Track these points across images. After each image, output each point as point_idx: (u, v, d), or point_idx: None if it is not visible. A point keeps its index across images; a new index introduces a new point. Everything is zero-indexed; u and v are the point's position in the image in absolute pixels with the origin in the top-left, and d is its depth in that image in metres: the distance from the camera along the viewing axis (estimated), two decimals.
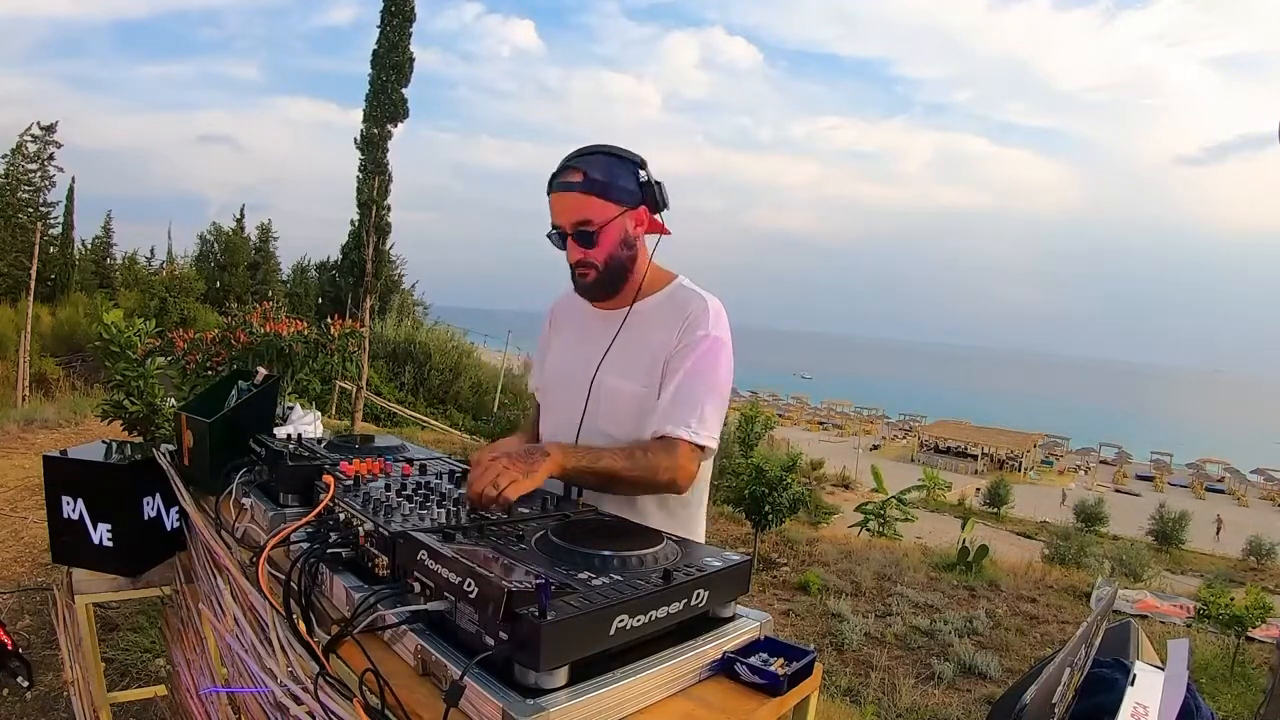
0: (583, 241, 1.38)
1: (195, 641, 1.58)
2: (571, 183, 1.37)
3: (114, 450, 1.90)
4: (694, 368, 1.38)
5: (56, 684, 2.47)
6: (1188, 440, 52.67)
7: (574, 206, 1.37)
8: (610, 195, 1.37)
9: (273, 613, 0.96)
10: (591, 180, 1.36)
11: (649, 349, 1.42)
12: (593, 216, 1.37)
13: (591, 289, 1.44)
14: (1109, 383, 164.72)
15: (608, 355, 1.45)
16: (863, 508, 13.51)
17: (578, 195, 1.36)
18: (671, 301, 1.46)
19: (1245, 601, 6.11)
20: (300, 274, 30.44)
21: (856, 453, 31.55)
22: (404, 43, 23.01)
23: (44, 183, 27.89)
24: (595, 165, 1.37)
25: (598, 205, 1.37)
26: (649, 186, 1.40)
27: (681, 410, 1.36)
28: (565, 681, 0.74)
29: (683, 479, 1.35)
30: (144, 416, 2.16)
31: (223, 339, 6.71)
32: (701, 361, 1.39)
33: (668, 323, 1.43)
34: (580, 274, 1.43)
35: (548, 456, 1.19)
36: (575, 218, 1.37)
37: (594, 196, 1.36)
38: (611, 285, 1.44)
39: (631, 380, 1.42)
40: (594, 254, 1.40)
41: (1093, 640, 1.07)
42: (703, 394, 1.37)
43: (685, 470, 1.34)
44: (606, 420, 1.42)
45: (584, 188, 1.36)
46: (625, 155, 1.40)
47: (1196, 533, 20.48)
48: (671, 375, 1.39)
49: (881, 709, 4.25)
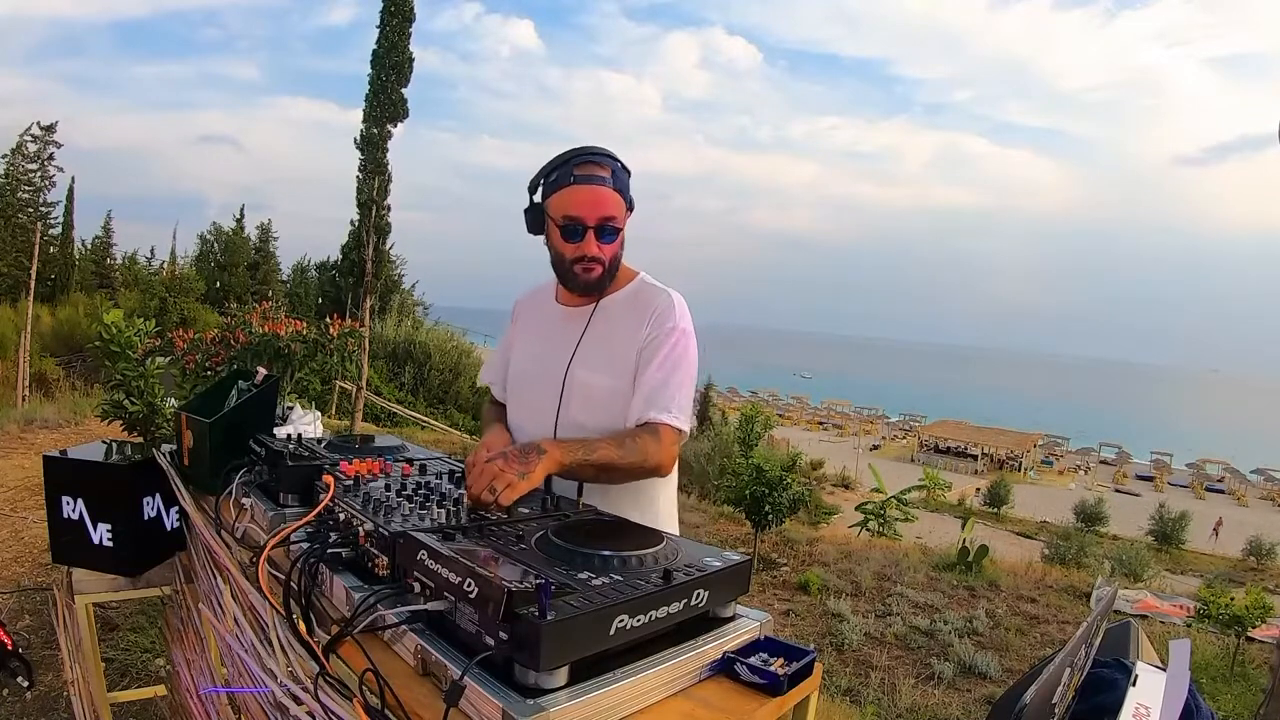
0: (604, 237, 1.41)
1: (195, 641, 1.58)
2: (601, 177, 1.38)
3: (114, 450, 1.90)
4: (667, 358, 1.44)
5: (56, 684, 2.47)
6: (1188, 440, 52.68)
7: (603, 201, 1.39)
8: (625, 195, 1.43)
9: (273, 613, 0.96)
10: (617, 178, 1.40)
11: (618, 343, 1.47)
12: (617, 214, 1.41)
13: (594, 284, 1.47)
14: (1109, 383, 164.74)
15: (578, 350, 1.49)
16: (863, 508, 13.51)
17: (607, 191, 1.39)
18: (637, 297, 1.51)
19: (1245, 601, 6.11)
20: (300, 274, 30.43)
21: (856, 453, 31.55)
22: (404, 43, 23.00)
23: (44, 183, 27.88)
24: (616, 164, 1.41)
25: (619, 203, 1.42)
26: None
27: (662, 398, 1.41)
28: (565, 681, 0.74)
29: (667, 461, 1.41)
30: (144, 416, 2.15)
31: (222, 339, 6.72)
32: (674, 352, 1.45)
33: (635, 317, 1.47)
34: (585, 268, 1.44)
35: (544, 454, 1.21)
36: (603, 213, 1.39)
37: (618, 194, 1.41)
38: (608, 282, 1.49)
39: (602, 373, 1.46)
40: (607, 250, 1.43)
41: (1093, 640, 1.07)
42: (677, 382, 1.44)
43: (669, 453, 1.41)
44: (580, 412, 1.47)
45: (612, 184, 1.39)
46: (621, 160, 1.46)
47: (1196, 533, 20.48)
48: (645, 366, 1.44)
49: (881, 709, 4.25)
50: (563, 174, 1.39)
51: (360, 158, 23.15)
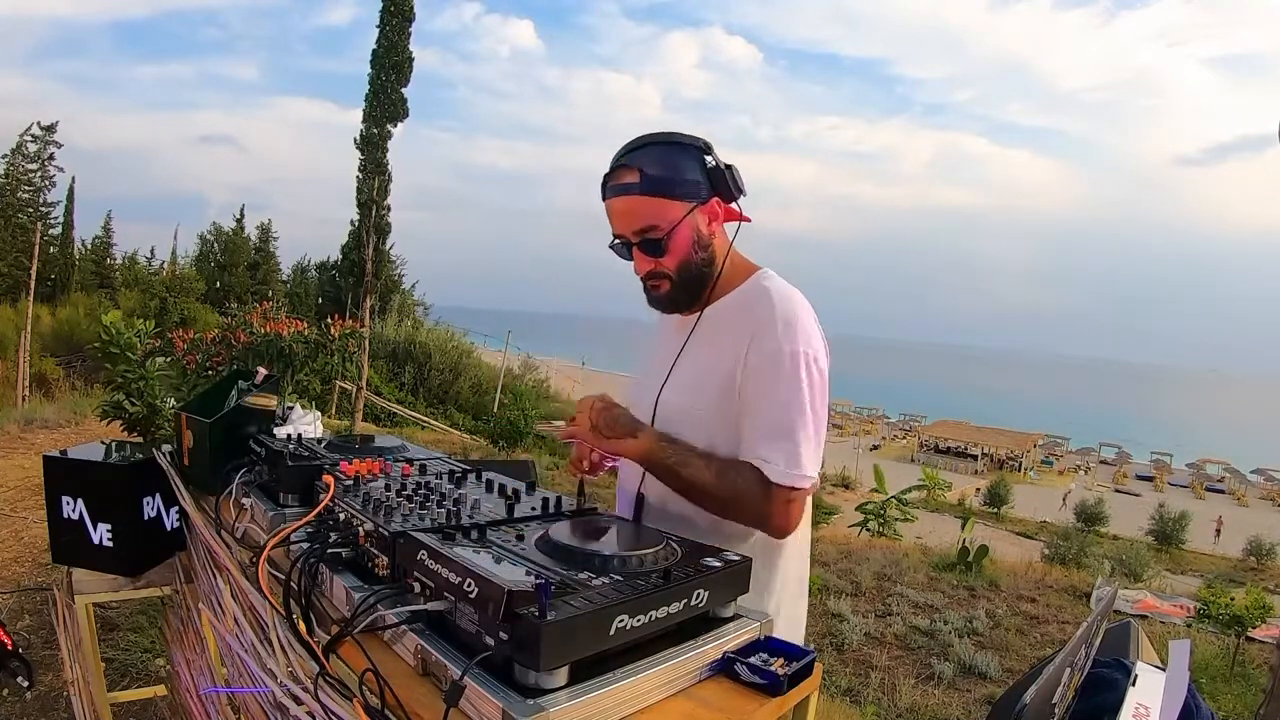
0: (650, 250, 1.21)
1: (195, 641, 1.58)
2: (628, 184, 1.18)
3: (114, 450, 1.90)
4: (773, 394, 1.16)
5: (56, 684, 2.47)
6: (1188, 440, 52.67)
7: (635, 211, 1.19)
8: (674, 192, 1.18)
9: (273, 613, 0.96)
10: (650, 178, 1.17)
11: (711, 360, 1.23)
12: (658, 221, 1.18)
13: (667, 302, 1.26)
14: (1109, 383, 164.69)
15: (673, 370, 1.28)
16: (863, 508, 13.51)
17: (637, 199, 1.18)
18: (741, 303, 1.25)
19: (1245, 601, 6.10)
20: (300, 274, 30.46)
21: (856, 453, 31.54)
22: (403, 42, 23.03)
23: (44, 183, 27.91)
24: (651, 159, 1.17)
25: (661, 206, 1.18)
26: (718, 173, 1.20)
27: (769, 445, 1.15)
28: (565, 681, 0.74)
29: (775, 517, 1.16)
30: (144, 417, 2.15)
31: (223, 339, 6.72)
32: (781, 384, 1.16)
33: (737, 330, 1.21)
34: (652, 286, 1.25)
35: (634, 440, 1.15)
36: (638, 224, 1.19)
37: (656, 197, 1.18)
38: (690, 294, 1.26)
39: (693, 398, 1.23)
40: (665, 263, 1.22)
41: (1093, 640, 1.07)
42: (789, 425, 1.15)
43: (780, 511, 1.16)
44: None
45: (643, 188, 1.17)
46: (685, 141, 1.20)
47: (1197, 533, 20.48)
48: (751, 403, 1.18)
49: (881, 709, 4.25)
50: (602, 188, 1.22)
51: (360, 158, 23.19)
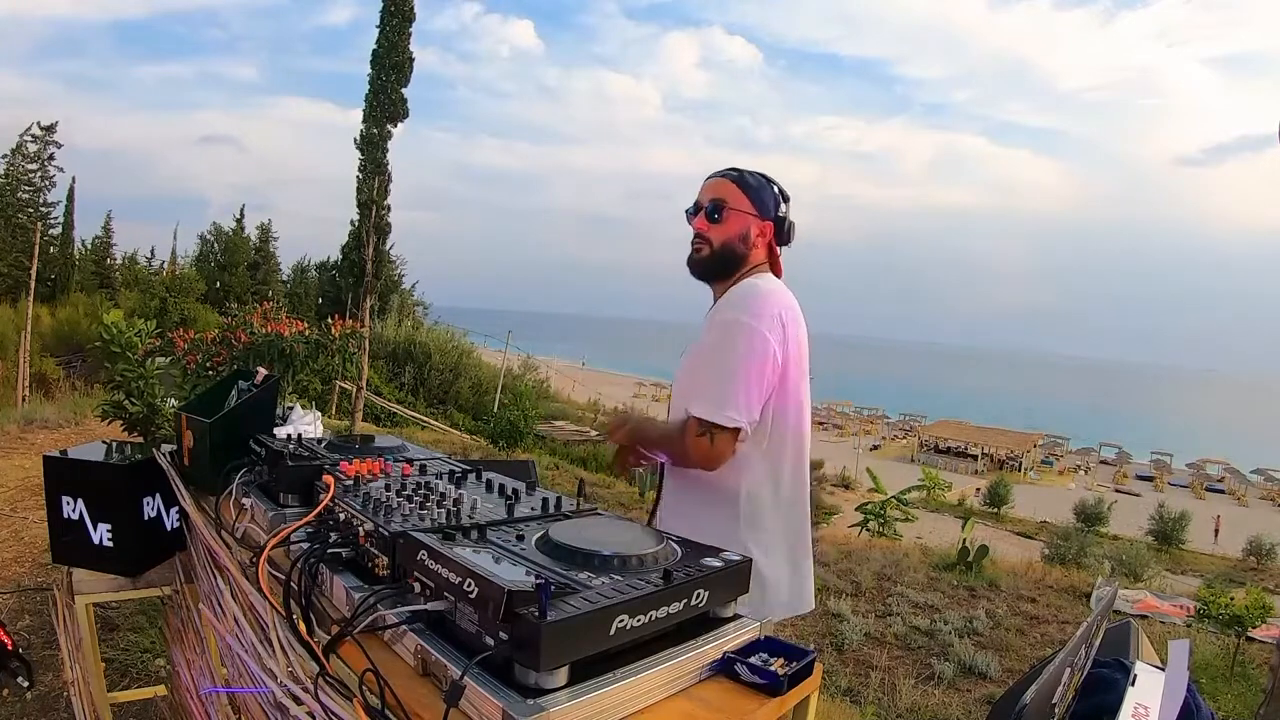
0: (709, 214, 1.50)
1: (195, 641, 1.58)
2: (726, 172, 1.53)
3: (114, 450, 1.90)
4: (700, 350, 1.47)
5: (56, 684, 2.47)
6: (1188, 440, 52.63)
7: (719, 188, 1.51)
8: (750, 195, 1.51)
9: (273, 613, 0.96)
10: (743, 177, 1.52)
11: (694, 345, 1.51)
12: (728, 198, 1.50)
13: (701, 265, 1.53)
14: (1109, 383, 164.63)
15: (684, 359, 1.54)
16: (863, 508, 13.51)
17: (726, 181, 1.52)
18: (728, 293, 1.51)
19: (1245, 601, 6.10)
20: (300, 274, 30.47)
21: (856, 453, 31.53)
22: (403, 43, 23.00)
23: (44, 183, 27.90)
24: (751, 174, 1.53)
25: (738, 197, 1.51)
26: (783, 219, 1.52)
27: (689, 390, 1.43)
28: (565, 681, 0.74)
29: (695, 454, 1.39)
30: (144, 417, 2.15)
31: (223, 339, 6.70)
32: (708, 340, 1.46)
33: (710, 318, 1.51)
34: (695, 247, 1.53)
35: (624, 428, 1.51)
36: (713, 195, 1.51)
37: (738, 188, 1.51)
38: (718, 269, 1.52)
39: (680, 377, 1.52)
40: (715, 231, 1.50)
41: (1093, 640, 1.07)
42: (707, 373, 1.42)
43: (697, 446, 1.38)
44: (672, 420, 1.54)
45: (734, 179, 1.52)
46: (775, 182, 1.54)
47: (1197, 533, 20.46)
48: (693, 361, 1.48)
49: (881, 709, 4.24)
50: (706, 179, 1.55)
51: (360, 158, 23.16)
